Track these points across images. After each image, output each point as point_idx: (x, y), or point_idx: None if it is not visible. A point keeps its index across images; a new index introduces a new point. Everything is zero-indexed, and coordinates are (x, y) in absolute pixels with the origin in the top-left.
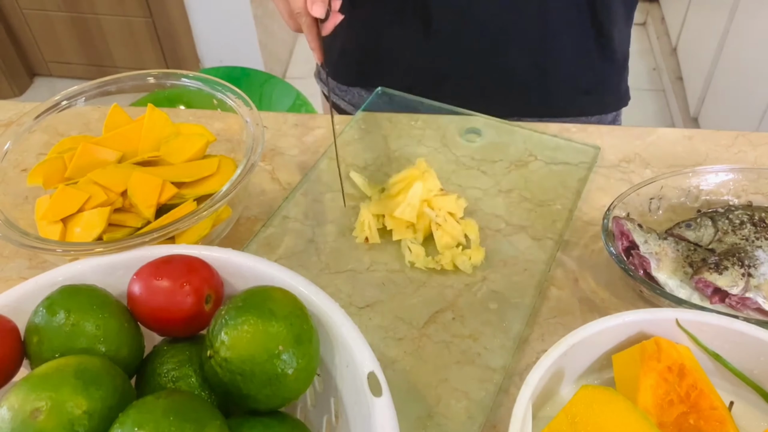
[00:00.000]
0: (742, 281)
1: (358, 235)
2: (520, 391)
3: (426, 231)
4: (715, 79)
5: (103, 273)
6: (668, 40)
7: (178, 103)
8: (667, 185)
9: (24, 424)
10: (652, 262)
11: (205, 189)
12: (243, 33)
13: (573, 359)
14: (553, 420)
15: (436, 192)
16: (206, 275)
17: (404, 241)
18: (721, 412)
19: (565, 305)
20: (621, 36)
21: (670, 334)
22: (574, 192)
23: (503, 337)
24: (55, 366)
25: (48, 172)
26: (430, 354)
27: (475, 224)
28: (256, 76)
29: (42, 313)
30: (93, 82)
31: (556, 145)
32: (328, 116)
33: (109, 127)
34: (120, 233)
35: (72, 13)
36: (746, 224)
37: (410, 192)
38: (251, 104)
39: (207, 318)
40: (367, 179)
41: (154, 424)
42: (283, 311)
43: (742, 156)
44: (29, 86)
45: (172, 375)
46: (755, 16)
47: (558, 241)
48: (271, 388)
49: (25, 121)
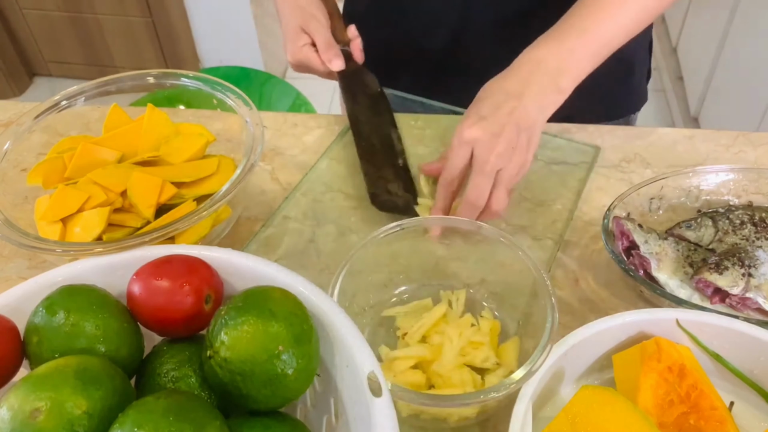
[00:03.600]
0: (742, 281)
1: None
2: (520, 391)
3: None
4: (715, 79)
5: (102, 273)
6: (668, 40)
7: (177, 103)
8: (668, 185)
9: (24, 424)
10: (653, 262)
11: (204, 189)
12: (243, 33)
13: (573, 359)
14: (553, 420)
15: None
16: (206, 275)
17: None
18: (721, 412)
19: (565, 305)
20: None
21: (671, 334)
22: (575, 192)
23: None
24: (55, 366)
25: (48, 172)
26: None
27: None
28: (256, 76)
29: (42, 313)
30: (93, 82)
31: (556, 145)
32: (328, 116)
33: (109, 127)
34: (120, 233)
35: (72, 13)
36: (746, 224)
37: (444, 352)
38: (251, 104)
39: (207, 318)
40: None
41: (154, 424)
42: (282, 311)
43: (743, 156)
44: (29, 86)
45: (171, 375)
46: (755, 16)
47: (558, 241)
48: (271, 388)
49: (24, 121)
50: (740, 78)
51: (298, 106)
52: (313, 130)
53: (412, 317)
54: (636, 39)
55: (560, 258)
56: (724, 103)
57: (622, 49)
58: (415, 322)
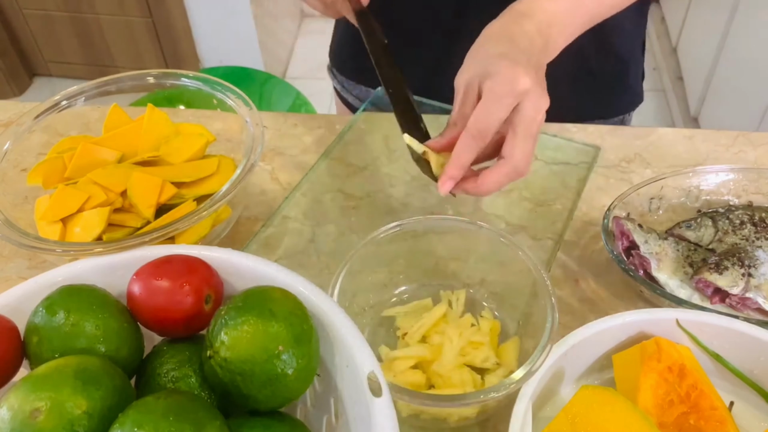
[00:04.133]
0: (742, 281)
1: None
2: (520, 391)
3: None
4: (715, 79)
5: (102, 273)
6: (668, 40)
7: (177, 103)
8: (668, 185)
9: (24, 424)
10: (653, 262)
11: (204, 189)
12: (243, 33)
13: (573, 359)
14: (553, 420)
15: (468, 332)
16: (206, 275)
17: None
18: (721, 412)
19: (565, 305)
20: (625, 35)
21: (671, 334)
22: (574, 192)
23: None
24: (55, 366)
25: (48, 172)
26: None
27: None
28: (256, 76)
29: (42, 313)
30: (93, 82)
31: (556, 145)
32: (328, 116)
33: (109, 127)
34: (120, 233)
35: (72, 13)
36: (746, 224)
37: (444, 352)
38: (251, 104)
39: (207, 318)
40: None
41: (154, 424)
42: (282, 311)
43: (743, 156)
44: (29, 86)
45: (171, 375)
46: (755, 16)
47: (558, 241)
48: (271, 388)
49: (24, 121)
50: (740, 78)
51: (298, 106)
52: (313, 130)
53: (412, 317)
54: (630, 36)
55: (560, 258)
56: (724, 103)
57: (617, 49)
58: (415, 322)
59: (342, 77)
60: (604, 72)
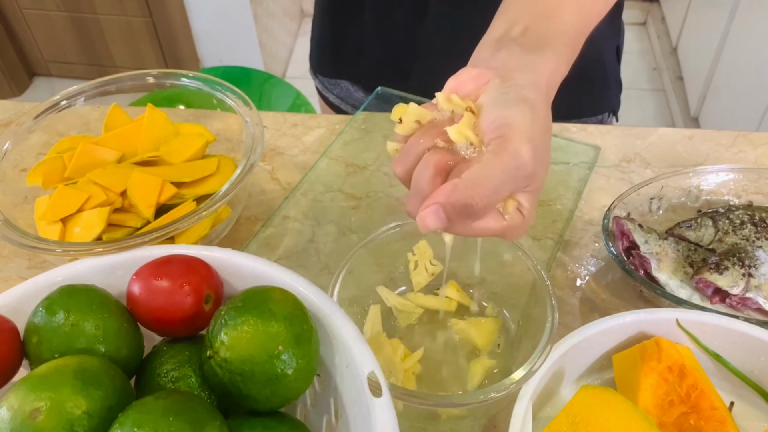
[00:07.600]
0: (742, 281)
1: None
2: (521, 391)
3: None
4: (716, 79)
5: (102, 273)
6: (668, 39)
7: (177, 103)
8: (668, 185)
9: (23, 424)
10: (653, 262)
11: (204, 189)
12: (243, 33)
13: (573, 359)
14: (553, 420)
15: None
16: (206, 275)
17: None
18: (721, 412)
19: (565, 305)
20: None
21: (671, 334)
22: (575, 192)
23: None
24: (55, 366)
25: (47, 172)
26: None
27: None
28: (256, 76)
29: (41, 313)
30: (92, 82)
31: (556, 145)
32: (328, 116)
33: (109, 127)
34: (119, 233)
35: (72, 13)
36: (747, 224)
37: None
38: (251, 104)
39: (207, 318)
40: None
41: (154, 424)
42: (282, 311)
43: (743, 156)
44: (29, 86)
45: (171, 375)
46: (755, 16)
47: (558, 241)
48: (271, 388)
49: (24, 120)
50: (740, 78)
51: (298, 106)
52: (313, 130)
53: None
54: (603, 41)
55: (560, 258)
56: (724, 103)
57: (589, 53)
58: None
59: (323, 77)
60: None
